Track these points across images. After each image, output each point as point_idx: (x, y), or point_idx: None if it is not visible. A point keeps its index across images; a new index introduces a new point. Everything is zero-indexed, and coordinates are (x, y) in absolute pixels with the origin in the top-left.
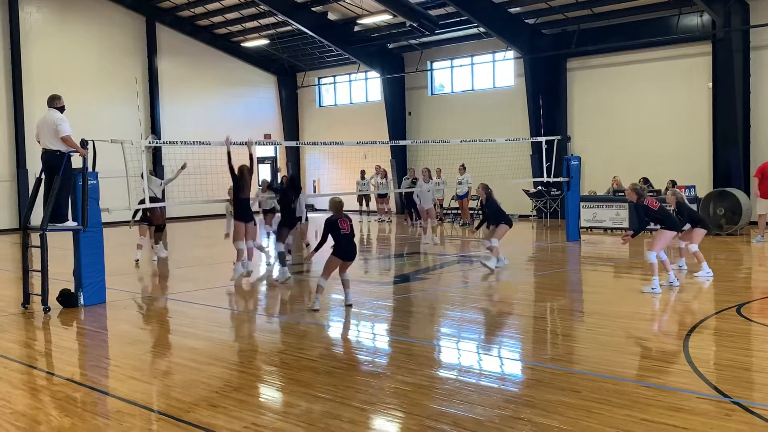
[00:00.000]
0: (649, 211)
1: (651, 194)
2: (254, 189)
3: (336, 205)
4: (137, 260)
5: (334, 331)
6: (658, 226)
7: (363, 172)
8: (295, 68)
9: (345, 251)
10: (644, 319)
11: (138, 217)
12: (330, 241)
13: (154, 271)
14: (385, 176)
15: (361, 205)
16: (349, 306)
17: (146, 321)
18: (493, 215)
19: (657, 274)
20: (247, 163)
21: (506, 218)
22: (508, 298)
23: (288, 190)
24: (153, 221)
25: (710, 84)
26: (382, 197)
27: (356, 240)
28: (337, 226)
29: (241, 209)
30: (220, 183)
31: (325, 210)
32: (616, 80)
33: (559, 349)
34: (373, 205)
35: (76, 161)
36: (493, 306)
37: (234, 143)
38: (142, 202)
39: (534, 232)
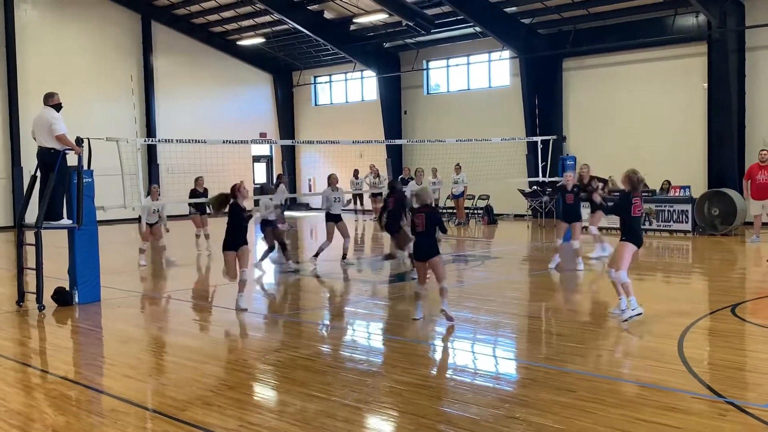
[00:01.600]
0: (625, 209)
1: (645, 194)
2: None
3: (417, 196)
4: (208, 253)
5: (329, 329)
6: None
7: (356, 171)
8: (290, 67)
9: (417, 249)
10: (638, 319)
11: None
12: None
13: (152, 270)
14: (378, 175)
15: (354, 204)
16: (448, 319)
17: (141, 319)
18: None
19: (632, 294)
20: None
21: (605, 207)
22: (502, 297)
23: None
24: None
25: (705, 84)
26: (376, 197)
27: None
28: (414, 222)
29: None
30: (215, 181)
31: (321, 209)
32: (611, 80)
33: (554, 349)
34: (366, 204)
35: (72, 159)
36: (487, 305)
37: (230, 142)
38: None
39: (529, 232)
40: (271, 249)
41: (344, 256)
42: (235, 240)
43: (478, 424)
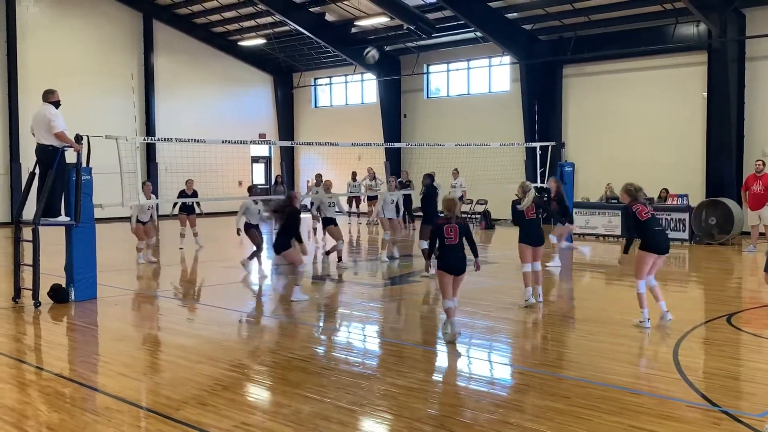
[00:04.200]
0: (633, 221)
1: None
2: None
3: (446, 204)
4: (198, 247)
5: (325, 332)
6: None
7: (354, 174)
8: (291, 68)
9: (450, 263)
10: (635, 327)
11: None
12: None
13: (147, 268)
14: (374, 178)
15: (350, 206)
16: (450, 343)
17: (137, 318)
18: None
19: (646, 306)
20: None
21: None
22: (498, 302)
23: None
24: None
25: (705, 94)
26: (371, 200)
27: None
28: (442, 234)
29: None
30: (214, 181)
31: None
32: (611, 88)
33: (549, 355)
34: (363, 207)
35: (71, 156)
36: (483, 310)
37: (229, 142)
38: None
39: None
40: (259, 249)
41: (339, 259)
42: (288, 241)
43: (472, 429)
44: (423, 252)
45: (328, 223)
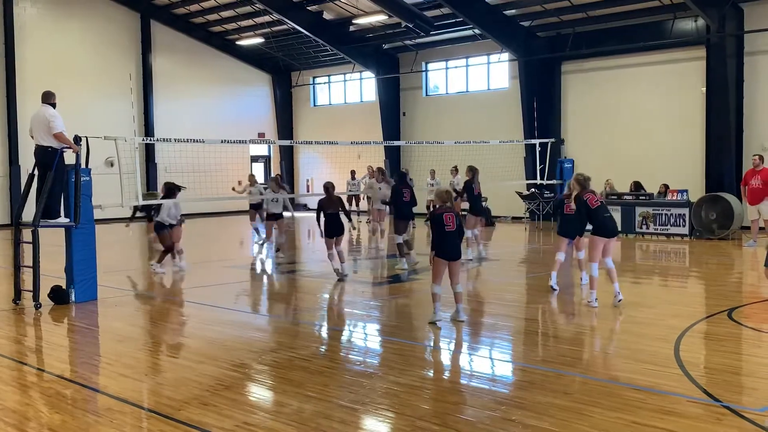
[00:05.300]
0: (584, 208)
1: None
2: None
3: (441, 196)
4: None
5: (326, 330)
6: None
7: (353, 172)
8: (289, 67)
9: (445, 249)
10: (635, 322)
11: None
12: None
13: (147, 270)
14: (373, 176)
15: (350, 204)
16: (460, 321)
17: (137, 318)
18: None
19: (596, 288)
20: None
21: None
22: (499, 299)
23: (400, 185)
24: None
25: (704, 89)
26: (369, 198)
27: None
28: (442, 222)
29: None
30: (213, 181)
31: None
32: (610, 84)
33: (550, 351)
34: (363, 205)
35: (70, 157)
36: (484, 307)
37: (229, 142)
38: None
39: (526, 234)
40: (169, 249)
41: (277, 249)
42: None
43: (474, 426)
44: (398, 246)
45: (275, 218)
